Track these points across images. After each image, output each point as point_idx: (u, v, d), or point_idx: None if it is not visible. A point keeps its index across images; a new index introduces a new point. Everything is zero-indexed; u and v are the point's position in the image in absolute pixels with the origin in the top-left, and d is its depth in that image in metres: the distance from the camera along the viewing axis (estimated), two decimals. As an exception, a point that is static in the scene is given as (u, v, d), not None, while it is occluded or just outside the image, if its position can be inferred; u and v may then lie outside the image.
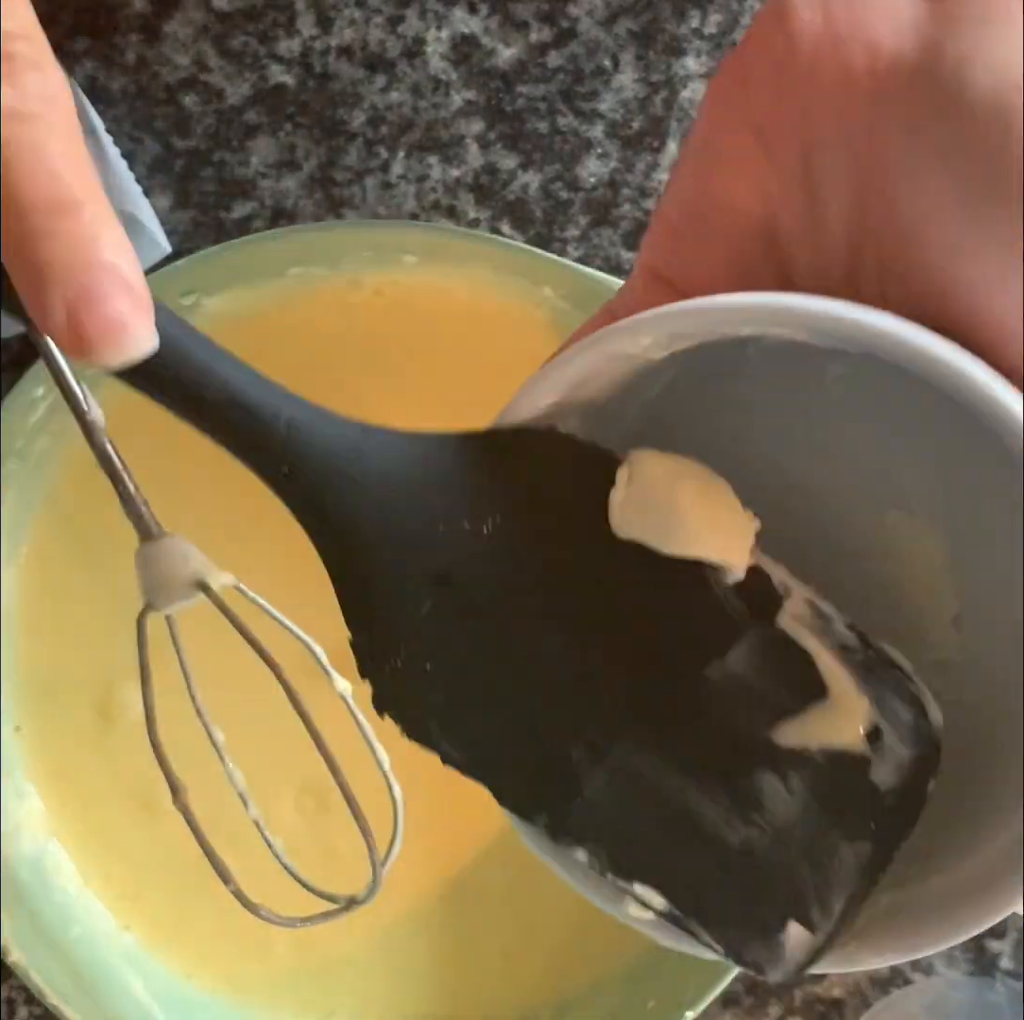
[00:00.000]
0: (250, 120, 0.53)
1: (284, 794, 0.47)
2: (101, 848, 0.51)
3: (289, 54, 0.53)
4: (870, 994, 0.52)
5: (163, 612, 0.37)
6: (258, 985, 0.51)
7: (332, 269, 0.50)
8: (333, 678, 0.37)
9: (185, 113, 0.53)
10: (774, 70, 0.32)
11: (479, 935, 0.51)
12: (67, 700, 0.51)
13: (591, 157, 0.53)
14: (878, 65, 0.31)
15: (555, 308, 0.49)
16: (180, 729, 0.37)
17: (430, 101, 0.53)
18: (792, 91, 0.32)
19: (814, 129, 0.32)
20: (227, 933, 0.51)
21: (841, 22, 0.31)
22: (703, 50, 0.52)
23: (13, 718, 0.51)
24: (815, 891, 0.32)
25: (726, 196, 0.33)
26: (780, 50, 0.32)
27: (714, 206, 0.34)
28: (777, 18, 0.32)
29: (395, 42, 0.53)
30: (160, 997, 0.50)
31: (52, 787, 0.51)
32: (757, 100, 0.33)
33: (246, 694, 0.42)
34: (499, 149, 0.53)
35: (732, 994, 0.52)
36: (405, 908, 0.50)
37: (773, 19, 0.32)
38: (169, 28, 0.53)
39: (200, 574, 0.37)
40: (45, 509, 0.51)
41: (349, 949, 0.51)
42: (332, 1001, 0.51)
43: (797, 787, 0.32)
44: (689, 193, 0.34)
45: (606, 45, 0.52)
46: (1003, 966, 0.51)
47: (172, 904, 0.51)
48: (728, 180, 0.33)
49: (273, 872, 0.37)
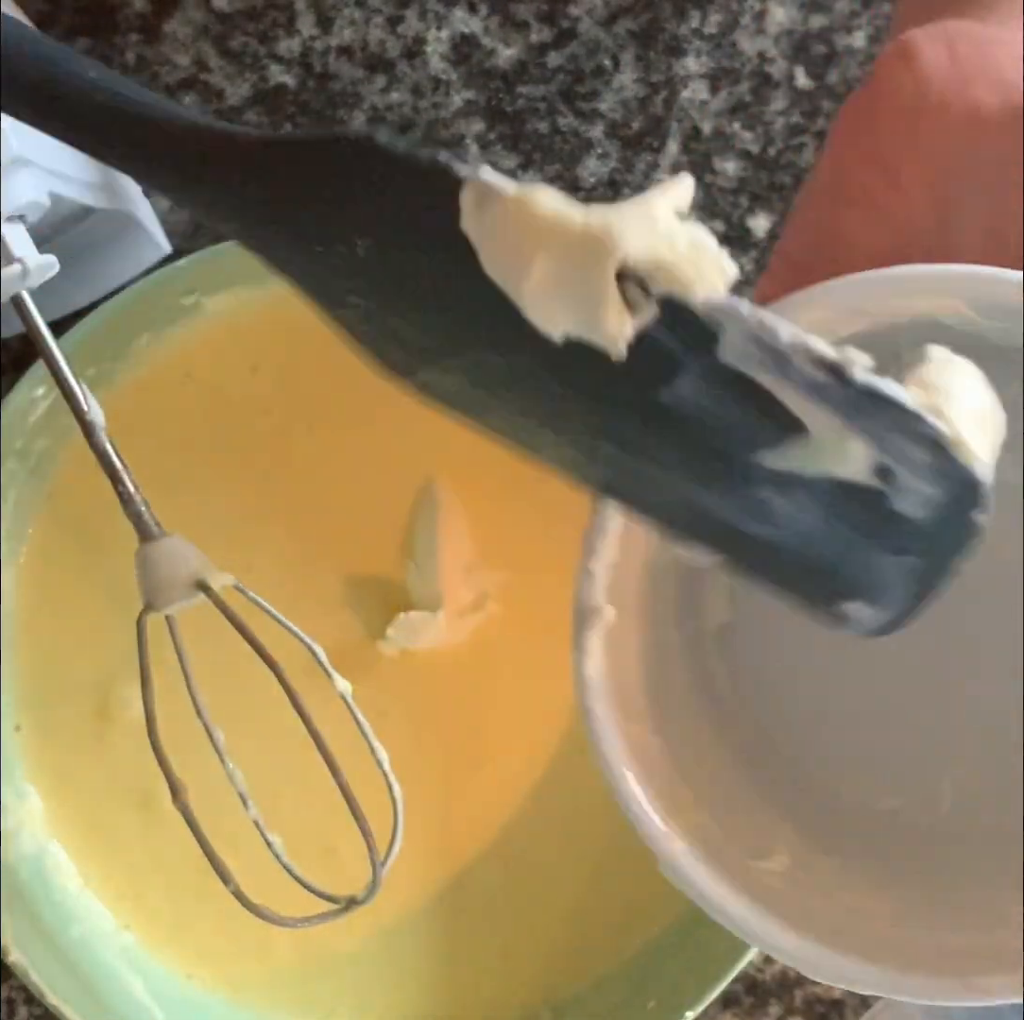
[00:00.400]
0: (250, 120, 0.53)
1: (284, 794, 0.47)
2: (101, 848, 0.51)
3: (289, 54, 0.53)
4: (869, 995, 0.52)
5: (163, 612, 0.37)
6: (258, 985, 0.51)
7: (332, 269, 0.49)
8: (333, 678, 0.37)
9: (185, 113, 0.53)
10: (903, 109, 0.34)
11: (479, 935, 0.51)
12: (67, 700, 0.51)
13: (591, 157, 0.53)
14: (1008, 105, 0.33)
15: (555, 308, 0.49)
16: (180, 729, 0.37)
17: (430, 101, 0.53)
18: (921, 131, 0.33)
19: (944, 169, 0.33)
20: (227, 933, 0.50)
21: (968, 61, 0.33)
22: (703, 50, 0.52)
23: (13, 718, 0.51)
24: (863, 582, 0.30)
25: (855, 233, 0.34)
26: (908, 90, 0.33)
27: (842, 243, 0.35)
28: (903, 58, 0.34)
29: (395, 42, 0.53)
30: (160, 997, 0.50)
31: (52, 787, 0.51)
32: (885, 137, 0.34)
33: (246, 694, 0.42)
34: (499, 149, 0.53)
35: (732, 994, 0.52)
36: (405, 908, 0.50)
37: (900, 59, 0.34)
38: (169, 28, 0.53)
39: (200, 574, 0.37)
40: (45, 509, 0.51)
41: (349, 949, 0.51)
42: (332, 1001, 0.51)
43: (808, 504, 0.29)
44: (815, 229, 0.35)
45: (606, 45, 0.52)
46: (1003, 966, 0.51)
47: (172, 904, 0.51)
48: (857, 217, 0.34)
49: (273, 872, 0.37)
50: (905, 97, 0.34)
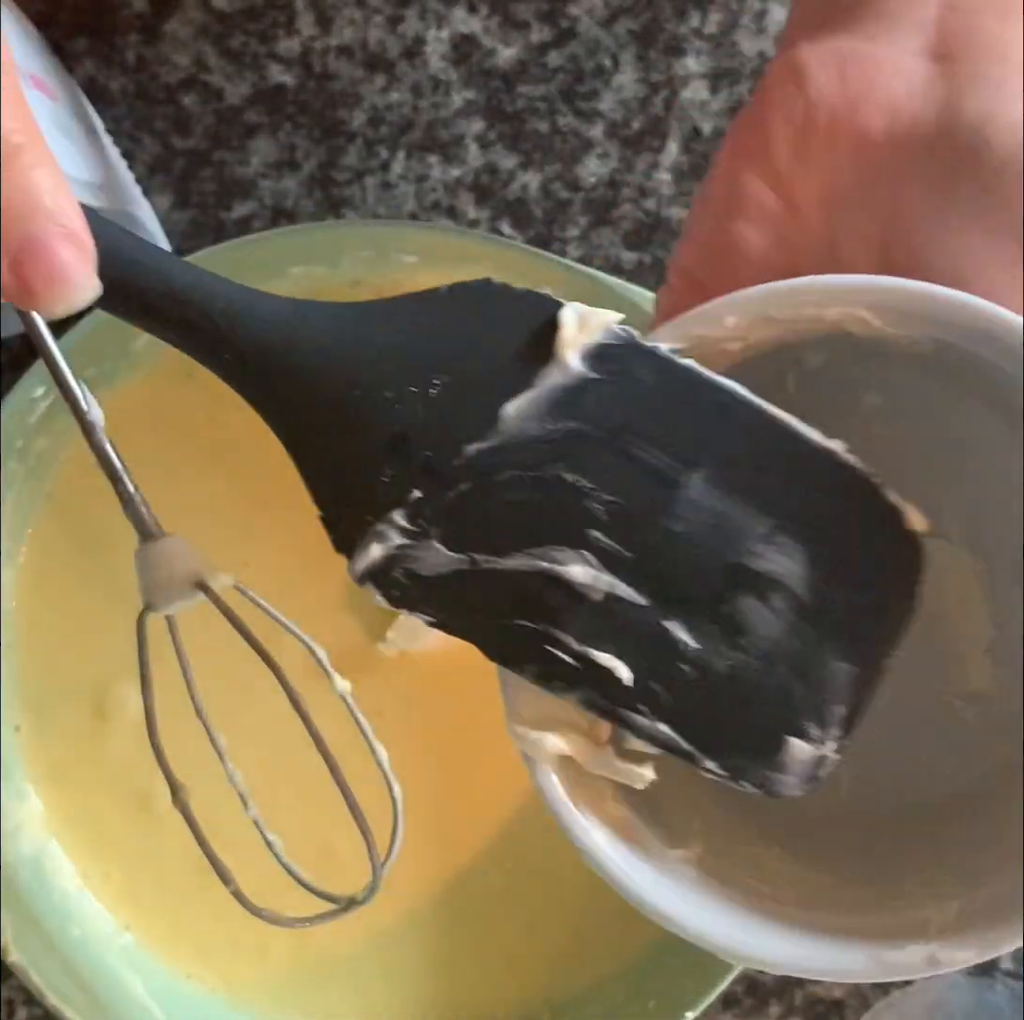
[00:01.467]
0: (250, 120, 0.53)
1: (284, 794, 0.47)
2: (101, 848, 0.51)
3: (289, 54, 0.53)
4: (870, 995, 0.52)
5: (163, 612, 0.37)
6: (258, 985, 0.51)
7: (332, 269, 0.49)
8: (333, 678, 0.37)
9: (185, 113, 0.53)
10: (794, 131, 0.34)
11: (479, 935, 0.51)
12: (67, 700, 0.51)
13: (591, 157, 0.53)
14: (896, 127, 0.33)
15: (555, 308, 0.49)
16: (180, 729, 0.37)
17: (430, 101, 0.53)
18: (812, 152, 0.34)
19: (836, 188, 0.34)
20: (227, 933, 0.50)
21: (856, 84, 0.34)
22: (703, 50, 0.52)
23: (13, 718, 0.51)
24: (810, 707, 0.33)
25: (750, 248, 0.35)
26: (799, 113, 0.34)
27: (739, 257, 0.35)
28: (794, 79, 0.34)
29: (395, 42, 0.53)
30: (160, 997, 0.50)
31: (51, 787, 0.51)
32: (778, 156, 0.34)
33: (246, 694, 0.42)
34: (499, 149, 0.53)
35: (732, 994, 0.52)
36: (405, 908, 0.50)
37: (790, 80, 0.34)
38: (169, 28, 0.53)
39: (200, 574, 0.37)
40: (45, 509, 0.51)
41: (349, 949, 0.51)
42: (331, 1001, 0.51)
43: (779, 607, 0.33)
44: (711, 244, 0.36)
45: (606, 45, 0.52)
46: (1003, 966, 0.51)
47: (171, 904, 0.51)
48: (748, 227, 0.35)
49: (273, 872, 0.37)
50: (796, 117, 0.34)
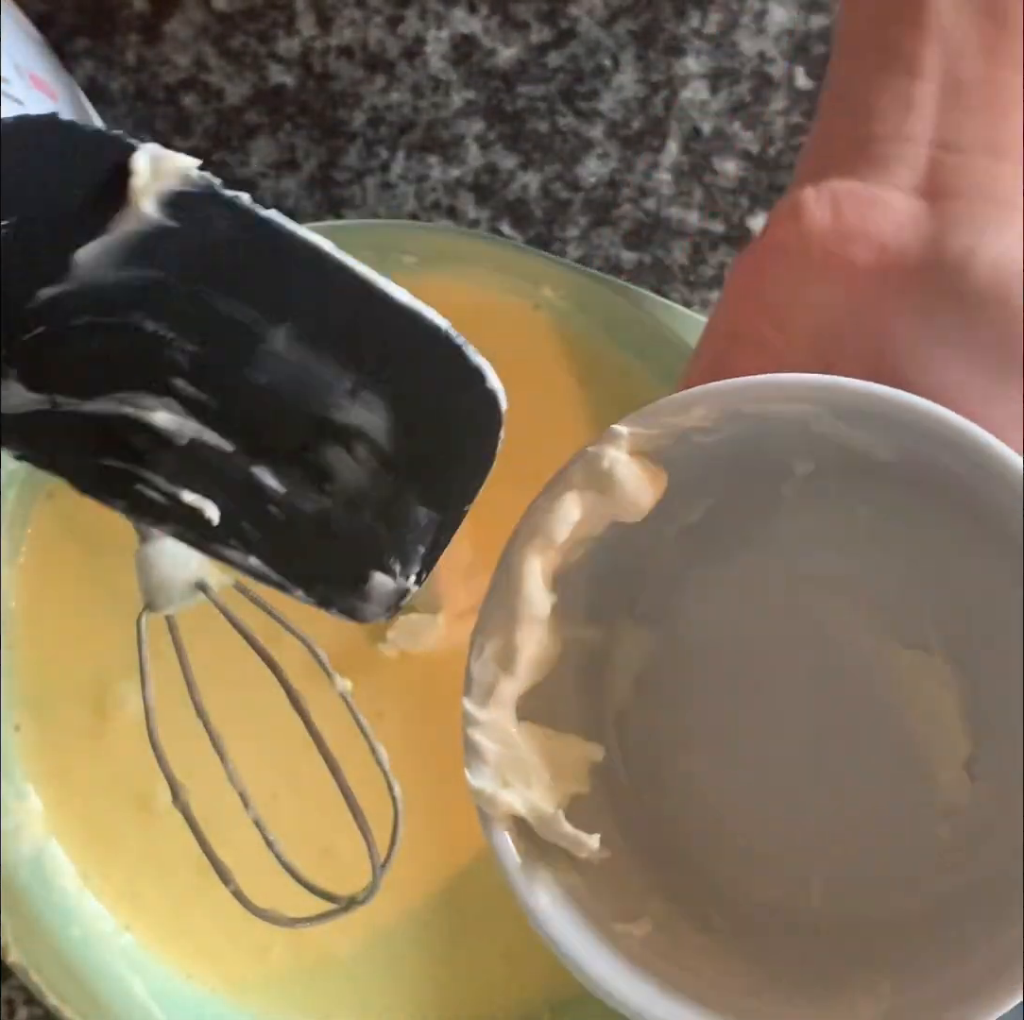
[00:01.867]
0: (250, 120, 0.53)
1: (284, 794, 0.47)
2: (101, 848, 0.51)
3: (289, 54, 0.53)
4: None
5: (163, 613, 0.37)
6: (258, 985, 0.51)
7: (332, 269, 0.49)
8: (333, 678, 0.37)
9: (185, 113, 0.53)
10: (790, 263, 0.37)
11: (479, 935, 0.51)
12: (67, 700, 0.51)
13: (591, 157, 0.53)
14: (884, 259, 0.36)
15: (555, 308, 0.49)
16: (180, 729, 0.37)
17: (430, 101, 0.53)
18: (806, 283, 0.37)
19: (828, 317, 0.36)
20: (227, 933, 0.50)
21: (849, 222, 0.36)
22: (703, 50, 0.52)
23: (13, 718, 0.51)
24: (394, 546, 0.36)
25: (745, 369, 0.36)
26: (795, 246, 0.37)
27: (735, 376, 0.37)
28: (792, 216, 0.37)
29: (395, 42, 0.53)
30: (160, 997, 0.50)
31: (52, 787, 0.51)
32: (773, 291, 0.37)
33: (246, 694, 0.42)
34: (499, 149, 0.53)
35: (732, 994, 0.52)
36: (405, 908, 0.50)
37: (788, 217, 0.37)
38: (169, 28, 0.53)
39: (200, 574, 0.37)
40: (45, 509, 0.51)
41: (349, 949, 0.51)
42: (331, 1000, 0.51)
43: (363, 456, 0.35)
44: (712, 366, 0.38)
45: (606, 45, 0.52)
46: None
47: (172, 904, 0.51)
48: (748, 356, 0.37)
49: (273, 872, 0.37)
50: (792, 252, 0.37)
